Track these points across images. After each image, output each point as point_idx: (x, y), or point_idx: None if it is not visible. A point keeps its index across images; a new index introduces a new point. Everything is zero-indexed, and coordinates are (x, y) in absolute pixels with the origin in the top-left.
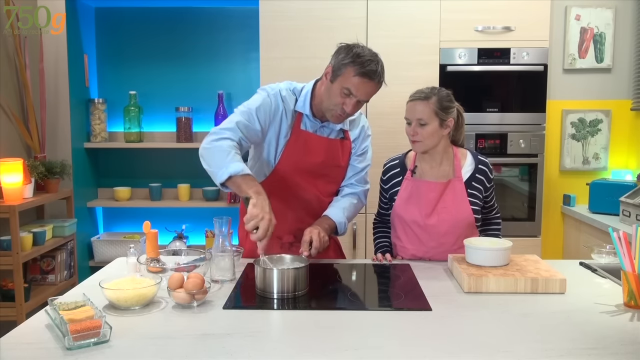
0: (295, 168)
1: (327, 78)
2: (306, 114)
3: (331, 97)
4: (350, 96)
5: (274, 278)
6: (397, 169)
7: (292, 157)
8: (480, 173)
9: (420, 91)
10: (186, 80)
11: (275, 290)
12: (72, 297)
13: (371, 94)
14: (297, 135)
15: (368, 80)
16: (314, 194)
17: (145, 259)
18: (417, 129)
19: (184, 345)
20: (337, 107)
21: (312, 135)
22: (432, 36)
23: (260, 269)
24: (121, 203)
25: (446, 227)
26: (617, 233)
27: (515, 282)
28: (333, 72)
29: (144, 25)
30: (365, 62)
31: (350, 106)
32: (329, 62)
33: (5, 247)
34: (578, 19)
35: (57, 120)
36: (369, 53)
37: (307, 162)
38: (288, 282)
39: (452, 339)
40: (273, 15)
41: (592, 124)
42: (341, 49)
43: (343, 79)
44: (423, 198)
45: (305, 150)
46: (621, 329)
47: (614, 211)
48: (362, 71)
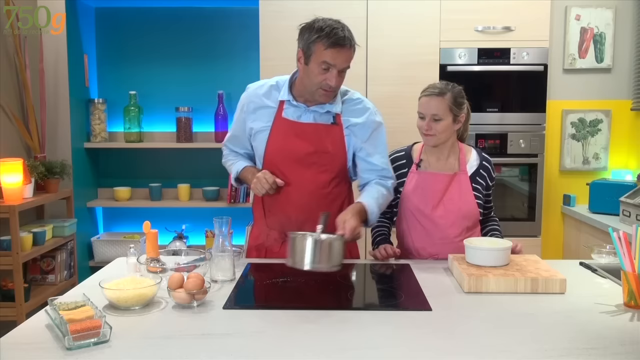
0: (281, 157)
1: (302, 62)
2: (287, 100)
3: (311, 78)
4: (330, 69)
5: (308, 246)
6: (403, 160)
7: (275, 144)
8: (484, 170)
9: (435, 86)
10: (186, 80)
11: (308, 262)
12: (72, 297)
13: (349, 60)
14: (279, 123)
15: (340, 48)
16: (306, 184)
17: (145, 259)
18: (431, 123)
19: (184, 345)
20: (321, 85)
21: (293, 123)
22: (432, 36)
23: (293, 237)
24: (121, 203)
25: (452, 219)
26: (617, 233)
27: (515, 282)
28: (304, 53)
29: (144, 25)
30: (331, 33)
31: (333, 79)
32: (297, 48)
33: (5, 247)
34: (578, 19)
35: (57, 120)
36: (331, 22)
37: (290, 149)
38: (321, 254)
39: (452, 339)
40: (273, 15)
41: (592, 124)
42: (304, 30)
43: (316, 56)
44: (429, 189)
45: (287, 137)
46: (621, 329)
47: (614, 211)
48: (331, 41)
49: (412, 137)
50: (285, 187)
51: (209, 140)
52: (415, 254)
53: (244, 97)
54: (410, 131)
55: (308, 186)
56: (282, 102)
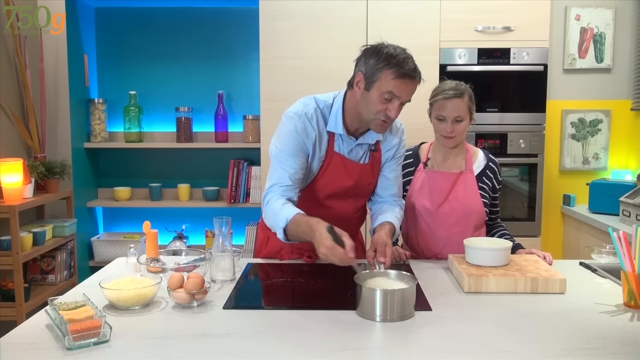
0: (327, 190)
1: (360, 87)
2: (339, 134)
3: (370, 106)
4: (392, 100)
5: (377, 299)
6: (411, 159)
7: (325, 179)
8: (490, 171)
9: (451, 87)
10: (186, 80)
11: (378, 313)
12: (72, 297)
13: (413, 93)
14: (331, 156)
15: (409, 80)
16: (344, 211)
17: (145, 259)
18: (454, 126)
19: (184, 345)
20: (380, 115)
21: (344, 159)
22: (432, 36)
23: (360, 288)
24: (121, 203)
25: (457, 216)
26: (617, 233)
27: (515, 282)
28: (367, 79)
29: (144, 25)
30: (401, 62)
31: (394, 111)
32: (355, 70)
33: (5, 247)
34: (578, 19)
35: (57, 120)
36: (401, 51)
37: (338, 185)
38: (392, 304)
39: (452, 339)
40: (273, 15)
41: (592, 124)
42: (368, 53)
43: (381, 84)
44: (436, 188)
45: (337, 173)
46: (621, 329)
47: (614, 211)
48: (401, 72)
49: (413, 138)
50: (324, 213)
51: (209, 140)
52: (420, 253)
53: (301, 126)
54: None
55: (345, 213)
56: (332, 134)
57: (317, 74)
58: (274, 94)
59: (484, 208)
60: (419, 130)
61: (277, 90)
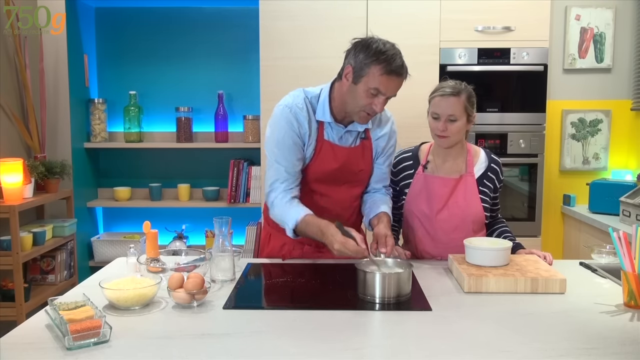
0: (319, 177)
1: (348, 79)
2: (328, 122)
3: (357, 99)
4: (378, 95)
5: (377, 282)
6: (410, 161)
7: (317, 167)
8: (492, 172)
9: (449, 86)
10: (186, 80)
11: (378, 295)
12: (72, 297)
13: (399, 88)
14: (321, 145)
15: (396, 77)
16: (340, 199)
17: (145, 259)
18: (446, 124)
19: (184, 345)
20: (365, 108)
21: (334, 146)
22: (432, 36)
23: (362, 272)
24: (121, 203)
25: (456, 222)
26: (617, 233)
27: (515, 282)
28: (355, 72)
29: (144, 25)
30: (389, 59)
31: (379, 105)
32: (345, 62)
33: (5, 247)
34: (578, 19)
35: (57, 120)
36: (390, 47)
37: (330, 171)
38: (390, 287)
39: (452, 339)
40: (273, 15)
41: (592, 124)
42: (358, 47)
43: (368, 79)
44: (434, 194)
45: (328, 160)
46: (621, 329)
47: (614, 211)
48: (389, 69)
49: (412, 138)
50: (320, 201)
51: (209, 140)
52: (419, 257)
53: (294, 116)
54: (409, 131)
55: (342, 201)
56: (321, 122)
57: (317, 73)
58: (274, 94)
59: (483, 213)
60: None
61: (277, 90)
